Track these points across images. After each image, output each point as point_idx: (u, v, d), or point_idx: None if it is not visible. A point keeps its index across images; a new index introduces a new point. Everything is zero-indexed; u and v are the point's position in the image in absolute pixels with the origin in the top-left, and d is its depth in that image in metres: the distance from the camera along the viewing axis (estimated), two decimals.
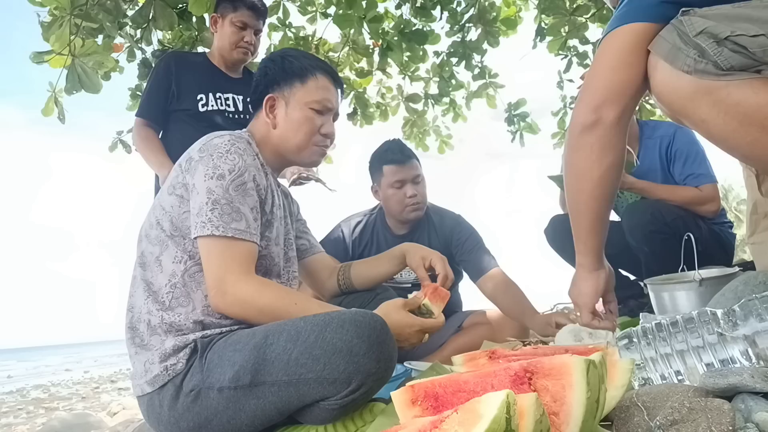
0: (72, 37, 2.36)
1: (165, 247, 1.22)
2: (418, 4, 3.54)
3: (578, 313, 1.36)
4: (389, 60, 3.73)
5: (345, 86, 1.52)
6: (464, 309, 2.34)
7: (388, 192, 2.19)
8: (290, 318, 1.11)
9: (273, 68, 1.38)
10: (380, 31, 3.43)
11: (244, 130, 1.40)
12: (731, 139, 0.95)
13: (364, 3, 3.11)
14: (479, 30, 3.75)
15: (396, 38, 3.41)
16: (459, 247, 2.20)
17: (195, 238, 1.16)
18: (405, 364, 1.66)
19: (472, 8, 3.68)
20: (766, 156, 0.95)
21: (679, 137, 2.27)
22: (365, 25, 3.24)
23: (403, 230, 2.27)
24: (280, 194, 1.43)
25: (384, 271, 1.57)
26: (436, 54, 4.04)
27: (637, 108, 2.39)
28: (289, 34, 3.57)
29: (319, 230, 1.67)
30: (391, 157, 2.20)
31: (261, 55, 3.51)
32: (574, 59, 3.77)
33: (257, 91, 1.40)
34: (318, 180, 2.31)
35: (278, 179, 1.48)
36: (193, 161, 1.22)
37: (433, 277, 1.44)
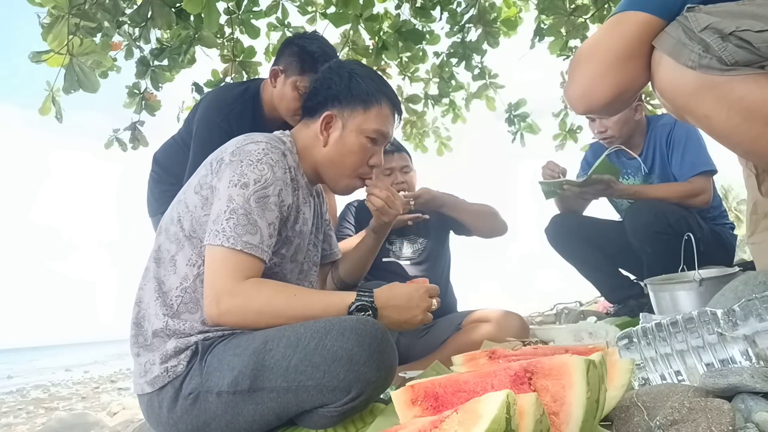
0: (70, 37, 2.35)
1: (181, 246, 1.20)
2: (417, 5, 3.53)
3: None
4: (388, 60, 3.73)
5: None
6: (462, 309, 2.34)
7: (379, 180, 2.28)
8: (293, 313, 1.10)
9: (338, 84, 1.32)
10: (376, 30, 3.43)
11: (287, 132, 1.36)
12: (734, 135, 0.95)
13: (361, 1, 3.11)
14: (479, 30, 3.75)
15: (392, 38, 3.41)
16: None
17: (206, 244, 1.14)
18: (399, 374, 1.66)
19: (472, 9, 3.67)
20: None
21: (679, 125, 2.29)
22: (361, 23, 3.23)
23: None
24: (312, 198, 1.39)
25: (363, 246, 1.56)
26: (436, 54, 4.03)
27: (641, 102, 2.40)
28: (288, 34, 3.57)
29: None
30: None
31: (260, 58, 3.52)
32: None
33: (315, 99, 1.34)
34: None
35: None
36: (223, 164, 1.19)
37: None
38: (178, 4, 2.71)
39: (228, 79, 3.48)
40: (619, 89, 1.07)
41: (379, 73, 1.48)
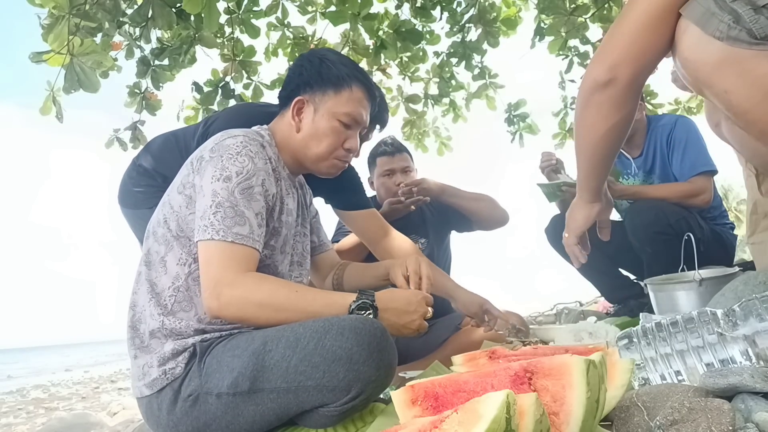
0: (71, 37, 2.36)
1: (170, 247, 1.20)
2: (417, 4, 3.53)
3: (566, 234, 1.48)
4: (388, 60, 3.72)
5: None
6: None
7: (380, 181, 2.36)
8: (294, 308, 1.10)
9: (309, 69, 1.33)
10: (376, 30, 3.43)
11: (265, 126, 1.37)
12: (752, 113, 0.91)
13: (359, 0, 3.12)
14: (479, 30, 3.75)
15: (392, 38, 3.41)
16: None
17: (197, 241, 1.14)
18: (399, 374, 1.66)
19: (472, 8, 3.67)
20: None
21: (679, 125, 2.29)
22: (360, 22, 3.24)
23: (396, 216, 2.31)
24: (295, 190, 1.39)
25: (370, 283, 1.51)
26: (436, 54, 4.03)
27: (642, 102, 2.40)
28: (288, 33, 3.57)
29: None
30: (383, 149, 2.38)
31: (260, 57, 3.52)
32: (575, 59, 3.77)
33: (287, 88, 1.36)
34: None
35: None
36: (204, 161, 1.19)
37: None
38: (178, 4, 2.72)
39: (228, 79, 3.48)
40: (644, 59, 1.04)
41: (353, 60, 1.47)
